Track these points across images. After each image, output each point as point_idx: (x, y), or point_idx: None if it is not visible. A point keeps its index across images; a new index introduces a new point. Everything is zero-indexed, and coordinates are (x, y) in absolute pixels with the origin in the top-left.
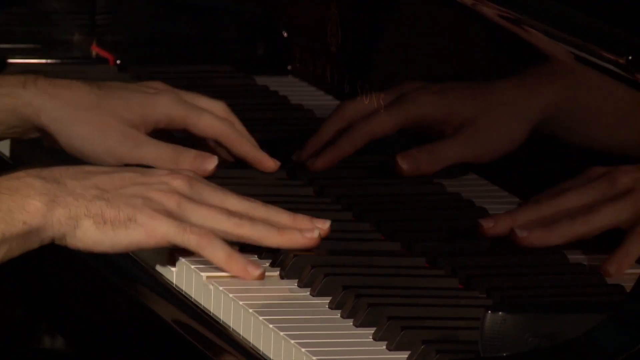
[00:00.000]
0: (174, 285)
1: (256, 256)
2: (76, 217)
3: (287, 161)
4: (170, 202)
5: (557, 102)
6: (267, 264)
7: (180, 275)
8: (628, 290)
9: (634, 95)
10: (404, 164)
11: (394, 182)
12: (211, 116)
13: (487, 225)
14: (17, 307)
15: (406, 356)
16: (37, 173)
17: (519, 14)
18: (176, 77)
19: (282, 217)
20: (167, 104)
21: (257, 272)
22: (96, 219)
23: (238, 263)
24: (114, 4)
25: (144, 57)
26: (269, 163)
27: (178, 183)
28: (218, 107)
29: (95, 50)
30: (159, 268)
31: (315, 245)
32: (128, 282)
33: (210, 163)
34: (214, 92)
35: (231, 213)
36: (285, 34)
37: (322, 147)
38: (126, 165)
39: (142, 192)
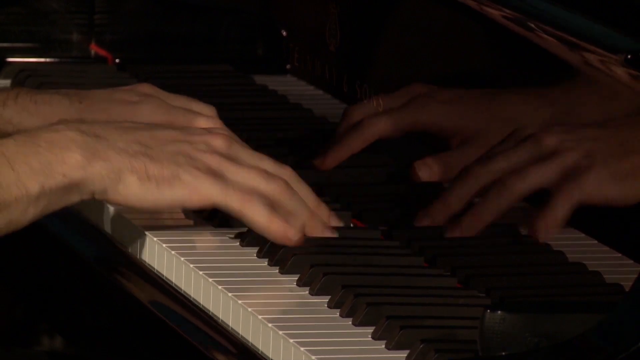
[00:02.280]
0: (174, 285)
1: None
2: (119, 171)
3: (287, 161)
4: (213, 162)
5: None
6: (266, 263)
7: (179, 273)
8: (627, 290)
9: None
10: (421, 171)
11: (393, 181)
12: (198, 116)
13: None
14: (17, 307)
15: (405, 355)
16: (77, 126)
17: (519, 14)
18: (175, 76)
19: (310, 197)
20: (149, 113)
21: (296, 236)
22: (140, 175)
23: (279, 226)
24: (113, 3)
25: (142, 57)
26: None
27: (218, 143)
28: (205, 108)
29: (94, 49)
30: (162, 268)
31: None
32: (131, 283)
33: None
34: (213, 92)
35: (270, 176)
36: (284, 34)
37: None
38: None
39: (185, 150)
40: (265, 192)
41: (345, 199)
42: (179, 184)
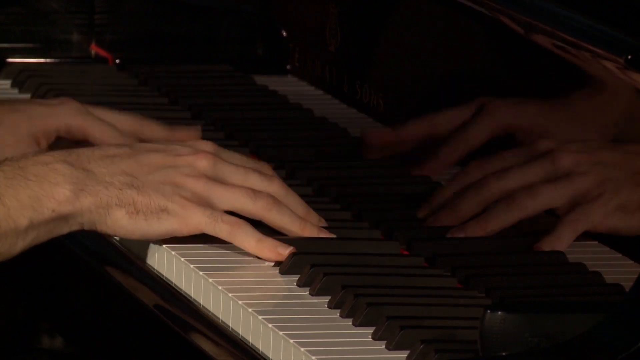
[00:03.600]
0: (174, 285)
1: None
2: (107, 206)
3: (287, 161)
4: (198, 186)
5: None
6: (266, 263)
7: (179, 273)
8: (627, 290)
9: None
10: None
11: (393, 181)
12: (111, 129)
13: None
14: (17, 307)
15: (405, 356)
16: (64, 158)
17: (519, 14)
18: (175, 76)
19: (299, 206)
20: (67, 113)
21: (287, 251)
22: (128, 209)
23: (269, 247)
24: (113, 3)
25: (143, 57)
26: None
27: (203, 164)
28: (126, 122)
29: (94, 49)
30: (162, 269)
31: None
32: (131, 283)
33: None
34: (213, 92)
35: (256, 194)
36: (284, 34)
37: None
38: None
39: (171, 178)
40: (253, 212)
41: (345, 199)
42: (167, 216)
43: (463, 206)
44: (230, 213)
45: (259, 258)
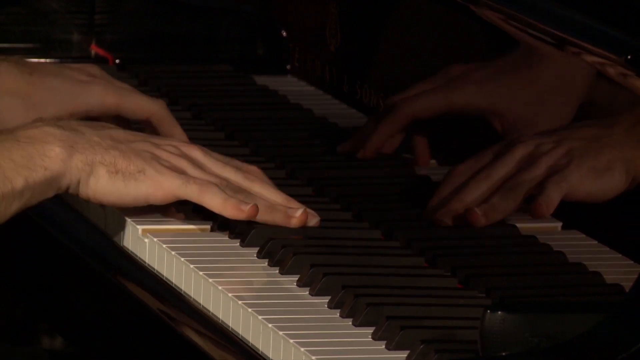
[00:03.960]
0: (174, 285)
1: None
2: (92, 163)
3: (286, 161)
4: (177, 161)
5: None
6: (266, 263)
7: (179, 273)
8: (627, 290)
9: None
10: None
11: (393, 181)
12: (145, 98)
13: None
14: (17, 307)
15: (405, 356)
16: (55, 122)
17: (519, 14)
18: (175, 76)
19: (277, 197)
20: (99, 93)
21: (247, 207)
22: (109, 168)
23: (233, 204)
24: (113, 3)
25: (143, 57)
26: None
27: (186, 148)
28: (153, 105)
29: (94, 49)
30: (162, 269)
31: (296, 225)
32: (131, 283)
33: None
34: (213, 92)
35: (229, 184)
36: (284, 34)
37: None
38: None
39: (153, 150)
40: (232, 178)
41: (345, 199)
42: (144, 178)
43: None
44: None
45: (259, 258)
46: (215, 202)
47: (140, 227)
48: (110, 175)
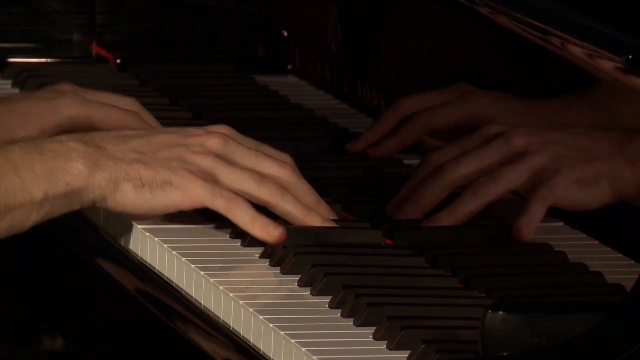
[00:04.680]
0: (175, 285)
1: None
2: (116, 180)
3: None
4: (205, 163)
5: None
6: (267, 263)
7: (180, 273)
8: (628, 290)
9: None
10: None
11: (393, 181)
12: (116, 109)
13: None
14: (17, 307)
15: (406, 356)
16: (79, 137)
17: (519, 14)
18: (176, 76)
19: (309, 195)
20: (67, 107)
21: (276, 232)
22: (135, 182)
23: (261, 224)
24: (114, 3)
25: (143, 57)
26: None
27: (213, 143)
28: (126, 101)
29: (94, 49)
30: (163, 269)
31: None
32: (132, 283)
33: None
34: (213, 92)
35: (262, 179)
36: (285, 34)
37: (375, 141)
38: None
39: (179, 155)
40: (256, 195)
41: (345, 199)
42: (170, 188)
43: (425, 196)
44: None
45: (260, 258)
46: (243, 219)
47: (141, 227)
48: (137, 190)
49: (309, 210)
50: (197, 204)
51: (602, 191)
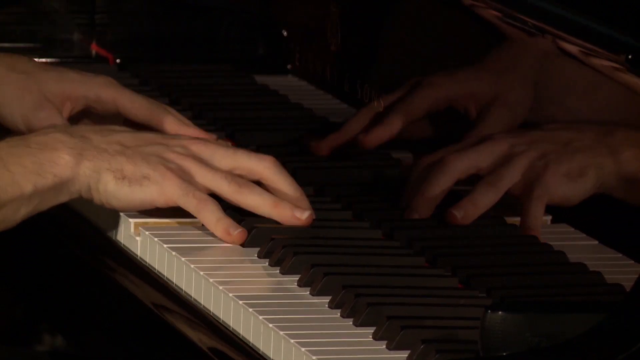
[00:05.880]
0: (175, 285)
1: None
2: (99, 170)
3: (288, 161)
4: (184, 162)
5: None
6: (266, 263)
7: (179, 273)
8: (628, 290)
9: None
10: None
11: (393, 181)
12: (143, 99)
13: (459, 215)
14: (17, 307)
15: (406, 356)
16: (65, 129)
17: (519, 14)
18: (176, 76)
19: (288, 188)
20: (99, 85)
21: (235, 232)
22: (116, 174)
23: (223, 226)
24: (114, 3)
25: (143, 56)
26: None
27: (194, 147)
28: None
29: (95, 49)
30: (163, 269)
31: (303, 225)
32: (132, 283)
33: None
34: (213, 92)
35: (233, 178)
36: (285, 34)
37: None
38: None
39: (159, 152)
40: (227, 194)
41: (345, 199)
42: (148, 183)
43: (431, 189)
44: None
45: (259, 258)
46: (209, 220)
47: (141, 227)
48: (117, 181)
49: (279, 201)
50: (171, 202)
51: (589, 182)
